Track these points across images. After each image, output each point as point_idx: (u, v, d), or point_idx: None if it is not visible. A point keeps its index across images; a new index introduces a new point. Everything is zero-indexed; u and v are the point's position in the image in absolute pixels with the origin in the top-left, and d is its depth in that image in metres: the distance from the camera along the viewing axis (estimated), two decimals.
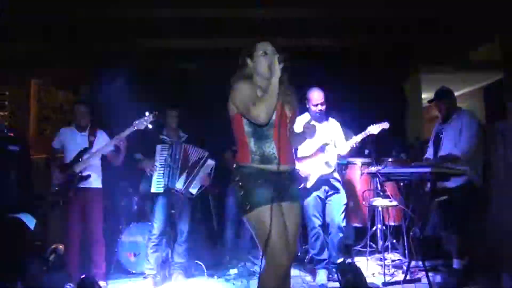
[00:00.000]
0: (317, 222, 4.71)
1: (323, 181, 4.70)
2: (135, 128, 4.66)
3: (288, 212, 2.81)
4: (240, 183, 2.78)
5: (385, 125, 4.66)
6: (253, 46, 2.93)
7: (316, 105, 4.68)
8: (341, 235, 4.71)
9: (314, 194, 4.69)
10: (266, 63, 2.83)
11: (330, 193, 4.76)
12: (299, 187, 4.88)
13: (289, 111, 2.91)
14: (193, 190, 4.94)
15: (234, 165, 2.88)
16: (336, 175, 4.84)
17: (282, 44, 6.21)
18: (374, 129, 4.68)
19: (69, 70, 7.34)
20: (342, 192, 4.79)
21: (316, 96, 4.68)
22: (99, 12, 5.78)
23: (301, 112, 4.82)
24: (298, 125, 4.77)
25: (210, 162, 5.03)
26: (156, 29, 6.13)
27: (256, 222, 2.71)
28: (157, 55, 6.92)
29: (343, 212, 4.73)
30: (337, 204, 4.73)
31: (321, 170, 4.66)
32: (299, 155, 4.75)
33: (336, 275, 4.42)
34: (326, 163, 4.66)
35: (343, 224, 4.73)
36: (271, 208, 2.63)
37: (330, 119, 4.92)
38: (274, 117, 2.76)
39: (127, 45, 6.73)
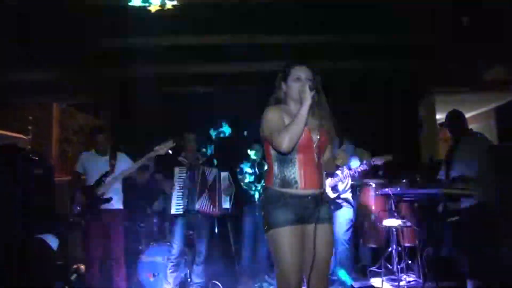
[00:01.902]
0: None
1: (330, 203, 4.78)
2: (156, 153, 4.78)
3: (314, 234, 2.78)
4: (263, 204, 2.88)
5: (389, 158, 4.72)
6: (288, 69, 2.93)
7: None
8: (346, 250, 4.75)
9: None
10: (298, 89, 2.82)
11: (334, 210, 4.82)
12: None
13: (317, 136, 2.86)
14: (226, 205, 5.05)
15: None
16: (343, 196, 4.92)
17: None
18: (378, 160, 4.74)
19: (90, 94, 7.53)
20: (346, 209, 4.85)
21: None
22: (120, 40, 6.00)
23: None
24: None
25: (224, 174, 5.14)
26: (174, 55, 6.31)
27: (272, 242, 2.78)
28: (176, 79, 7.09)
29: (347, 228, 4.78)
30: (340, 219, 4.79)
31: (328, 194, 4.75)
32: None
33: None
34: (333, 188, 4.74)
35: (345, 237, 4.78)
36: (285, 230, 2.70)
37: (344, 142, 4.97)
38: (298, 142, 2.75)
39: (146, 70, 6.94)
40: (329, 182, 4.74)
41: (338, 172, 4.77)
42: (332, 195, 4.76)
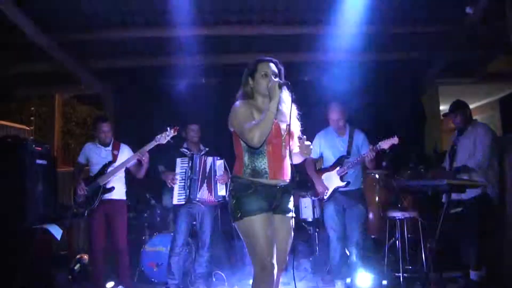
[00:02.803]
0: (334, 234, 4.74)
1: (340, 193, 4.75)
2: (157, 142, 4.76)
3: (280, 224, 2.98)
4: (233, 192, 2.96)
5: (395, 140, 4.65)
6: (255, 65, 3.04)
7: (334, 121, 4.78)
8: (355, 251, 4.71)
9: (331, 206, 4.75)
10: (266, 84, 2.93)
11: (347, 206, 4.78)
12: (316, 199, 4.96)
13: (286, 129, 3.00)
14: (222, 192, 5.01)
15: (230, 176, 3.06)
16: (355, 187, 4.87)
17: (303, 59, 6.33)
18: (384, 144, 4.67)
19: (92, 86, 7.51)
20: (360, 206, 4.77)
21: (333, 113, 4.78)
22: (122, 32, 5.98)
23: (325, 126, 4.93)
24: (319, 140, 4.91)
25: (219, 162, 5.12)
26: (177, 47, 6.27)
27: (245, 230, 2.89)
28: (178, 71, 7.06)
29: (360, 226, 4.74)
30: (354, 218, 4.74)
31: (336, 183, 4.72)
32: (319, 167, 4.86)
33: None
34: (341, 176, 4.72)
35: (357, 238, 4.71)
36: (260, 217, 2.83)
37: (354, 131, 4.94)
38: (268, 135, 2.86)
39: (148, 61, 6.91)
40: (338, 170, 4.72)
41: (347, 160, 4.75)
42: (341, 183, 4.73)
